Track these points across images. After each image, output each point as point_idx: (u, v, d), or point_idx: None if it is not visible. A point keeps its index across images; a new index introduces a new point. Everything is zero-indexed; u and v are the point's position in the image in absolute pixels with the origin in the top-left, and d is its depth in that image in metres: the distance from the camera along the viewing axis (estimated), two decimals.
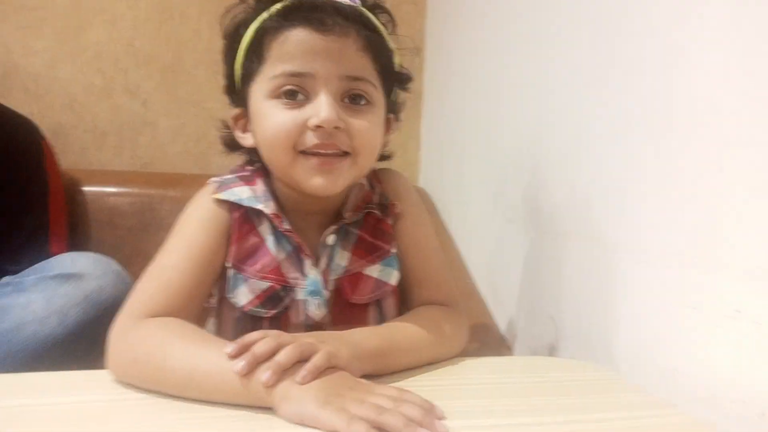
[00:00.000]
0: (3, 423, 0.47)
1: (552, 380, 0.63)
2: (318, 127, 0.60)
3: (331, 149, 0.62)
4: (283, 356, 0.50)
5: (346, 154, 0.63)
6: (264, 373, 0.48)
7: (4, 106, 1.00)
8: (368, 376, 0.55)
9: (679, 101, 0.63)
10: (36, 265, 0.84)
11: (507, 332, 1.00)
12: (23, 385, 0.55)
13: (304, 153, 0.62)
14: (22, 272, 0.83)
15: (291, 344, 0.51)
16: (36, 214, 0.97)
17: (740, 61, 0.55)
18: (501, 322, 1.03)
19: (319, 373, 0.50)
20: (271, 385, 0.48)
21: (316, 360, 0.50)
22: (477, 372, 0.64)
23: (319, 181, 0.62)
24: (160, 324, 0.57)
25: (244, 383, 0.49)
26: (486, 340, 0.98)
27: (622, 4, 0.72)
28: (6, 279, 0.82)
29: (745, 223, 0.55)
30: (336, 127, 0.60)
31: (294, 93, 0.62)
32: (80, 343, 0.78)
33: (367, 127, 0.63)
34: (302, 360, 0.50)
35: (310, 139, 0.61)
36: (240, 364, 0.49)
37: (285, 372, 0.49)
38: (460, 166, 1.26)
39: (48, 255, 0.91)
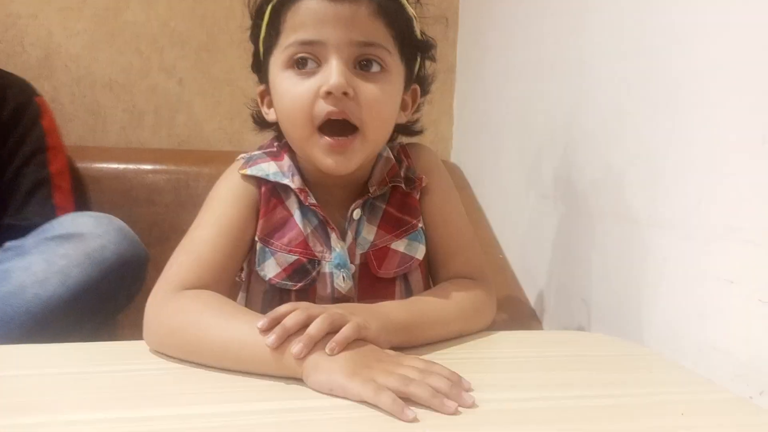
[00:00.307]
0: (49, 389, 0.49)
1: (584, 355, 0.63)
2: (328, 93, 0.60)
3: (341, 116, 0.61)
4: (313, 328, 0.50)
5: (355, 130, 0.62)
6: (295, 346, 0.49)
7: None
8: (396, 349, 0.55)
9: (716, 78, 0.60)
10: (38, 228, 0.82)
11: (538, 308, 0.99)
12: (64, 354, 0.58)
13: (320, 131, 0.62)
14: (25, 237, 0.81)
15: (321, 316, 0.51)
16: (34, 168, 0.96)
17: None
18: (532, 298, 1.02)
19: (348, 344, 0.50)
20: (302, 357, 0.49)
21: (345, 331, 0.51)
22: (506, 345, 0.64)
23: (330, 162, 0.62)
24: (195, 296, 0.59)
25: (275, 355, 0.50)
26: (517, 313, 0.98)
27: None
28: (8, 244, 0.80)
29: None
30: (345, 93, 0.60)
31: (305, 61, 0.61)
32: (85, 304, 0.77)
33: (377, 93, 0.62)
34: (332, 331, 0.51)
35: (323, 108, 0.61)
36: (271, 338, 0.50)
37: (315, 344, 0.50)
38: (493, 141, 1.24)
39: (53, 208, 0.92)
